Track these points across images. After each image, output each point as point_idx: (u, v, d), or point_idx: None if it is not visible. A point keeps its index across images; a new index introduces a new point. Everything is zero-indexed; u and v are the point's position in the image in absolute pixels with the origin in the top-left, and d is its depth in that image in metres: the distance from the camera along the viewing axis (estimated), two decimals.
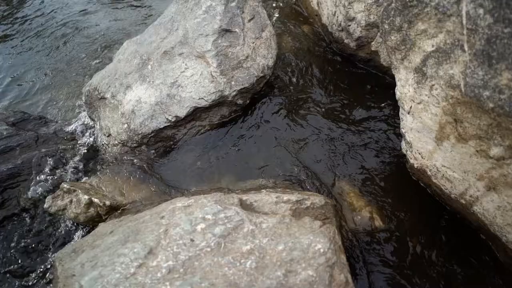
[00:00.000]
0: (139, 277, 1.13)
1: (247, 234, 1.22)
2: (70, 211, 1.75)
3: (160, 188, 1.97)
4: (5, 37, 3.64)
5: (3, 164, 2.00)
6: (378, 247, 1.63)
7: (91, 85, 2.28)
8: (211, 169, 2.03)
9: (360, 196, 1.83)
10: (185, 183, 1.99)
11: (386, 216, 1.74)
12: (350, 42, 2.34)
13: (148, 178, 2.01)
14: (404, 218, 1.74)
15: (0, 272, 1.77)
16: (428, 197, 1.76)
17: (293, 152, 2.02)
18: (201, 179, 2.00)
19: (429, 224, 1.69)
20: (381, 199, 1.81)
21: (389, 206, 1.78)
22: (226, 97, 2.03)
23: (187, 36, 2.06)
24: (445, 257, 1.57)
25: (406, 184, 1.85)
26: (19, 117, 2.36)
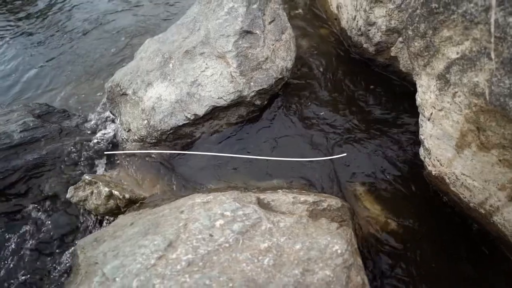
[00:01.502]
0: (159, 268, 1.17)
1: (265, 232, 1.25)
2: (90, 202, 1.81)
3: (176, 184, 2.02)
4: (29, 33, 3.77)
5: (29, 154, 2.08)
6: (392, 252, 1.63)
7: (113, 81, 2.35)
8: (227, 167, 2.07)
9: (375, 201, 1.83)
10: (201, 180, 2.03)
11: (401, 222, 1.74)
12: (369, 46, 2.34)
13: (165, 174, 2.06)
14: (419, 225, 1.73)
15: (22, 257, 1.84)
16: (444, 205, 1.74)
17: (309, 154, 2.03)
18: (217, 177, 2.04)
19: (445, 232, 1.68)
20: (396, 205, 1.80)
21: (405, 212, 1.77)
22: (244, 97, 2.06)
23: (209, 36, 2.11)
24: (460, 266, 1.56)
25: (422, 191, 1.84)
26: (44, 110, 2.45)
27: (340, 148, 2.05)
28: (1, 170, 2.00)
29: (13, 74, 3.22)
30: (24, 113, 2.36)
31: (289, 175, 1.93)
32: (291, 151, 2.07)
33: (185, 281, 1.12)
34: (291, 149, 2.08)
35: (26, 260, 1.83)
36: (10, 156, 2.05)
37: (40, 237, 1.90)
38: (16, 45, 3.59)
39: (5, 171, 2.00)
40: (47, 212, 1.98)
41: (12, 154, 2.07)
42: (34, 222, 1.95)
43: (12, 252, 1.86)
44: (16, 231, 1.93)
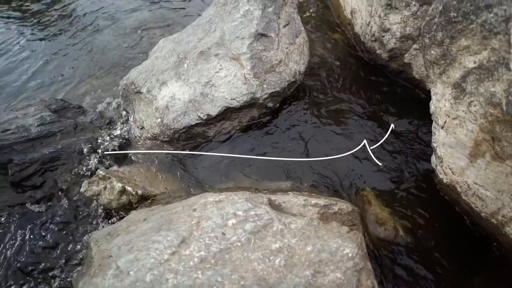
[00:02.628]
0: (172, 263, 1.20)
1: (276, 232, 1.26)
2: (104, 197, 1.85)
3: (187, 182, 2.05)
4: (44, 28, 3.84)
5: (46, 147, 2.14)
6: (400, 259, 1.63)
7: (128, 79, 2.40)
8: (237, 168, 2.09)
9: (384, 207, 1.84)
10: (212, 180, 2.05)
11: (409, 229, 1.74)
12: (382, 52, 2.35)
13: (177, 172, 2.09)
14: (428, 232, 1.73)
15: (35, 248, 1.89)
16: (454, 213, 1.74)
17: (319, 157, 2.04)
18: (227, 177, 2.07)
19: (454, 240, 1.68)
20: (405, 211, 1.81)
21: (413, 219, 1.77)
22: (257, 99, 2.08)
23: (224, 38, 2.14)
24: (469, 273, 1.56)
25: (432, 199, 1.84)
26: (60, 105, 2.51)
27: (348, 152, 2.06)
28: (19, 162, 2.05)
29: (29, 68, 3.29)
30: (41, 108, 2.42)
31: (299, 178, 1.94)
32: (301, 153, 2.08)
33: (197, 277, 1.14)
34: (301, 151, 2.09)
35: (39, 250, 1.88)
36: (27, 149, 2.11)
37: (53, 229, 1.95)
38: (32, 40, 3.66)
39: (22, 163, 2.05)
40: (61, 204, 2.03)
41: (29, 147, 2.12)
42: (48, 213, 2.00)
43: (25, 243, 1.91)
44: (30, 222, 1.98)
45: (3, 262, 1.85)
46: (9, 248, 1.89)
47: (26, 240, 1.92)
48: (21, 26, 3.91)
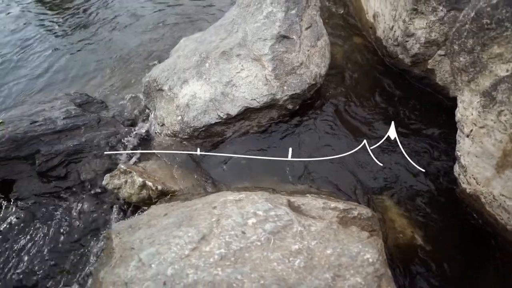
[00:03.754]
0: (193, 259, 1.22)
1: (296, 234, 1.27)
2: (124, 191, 1.90)
3: (205, 180, 2.08)
4: (69, 26, 3.96)
5: (70, 140, 2.21)
6: (418, 267, 1.61)
7: (150, 76, 2.45)
8: (254, 168, 2.10)
9: (402, 214, 1.81)
10: (229, 178, 2.08)
11: (428, 238, 1.71)
12: (405, 57, 2.32)
13: (195, 169, 2.13)
14: (447, 242, 1.70)
15: (56, 236, 1.95)
16: (474, 223, 1.70)
17: (337, 161, 2.04)
18: (244, 177, 2.08)
19: (472, 249, 1.64)
20: (424, 220, 1.78)
21: (432, 228, 1.74)
22: (277, 100, 2.09)
23: (246, 39, 2.16)
24: (486, 285, 1.52)
25: (452, 208, 1.80)
26: (84, 100, 2.59)
27: (366, 156, 2.04)
28: (45, 153, 2.13)
29: (54, 63, 3.40)
30: (66, 102, 2.51)
31: (317, 180, 1.94)
32: (317, 156, 2.08)
33: (217, 274, 1.16)
34: (318, 154, 2.09)
35: (61, 239, 1.94)
36: (53, 140, 2.19)
37: (75, 218, 2.01)
38: (57, 36, 3.79)
39: (48, 155, 2.13)
40: (83, 195, 2.09)
41: (55, 139, 2.20)
42: (71, 204, 2.07)
43: (48, 231, 1.98)
44: (54, 211, 2.05)
45: (28, 248, 1.93)
46: (33, 235, 1.97)
47: (50, 228, 1.99)
48: (46, 22, 4.05)
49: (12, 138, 2.10)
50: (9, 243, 1.95)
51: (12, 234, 1.99)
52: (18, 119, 2.28)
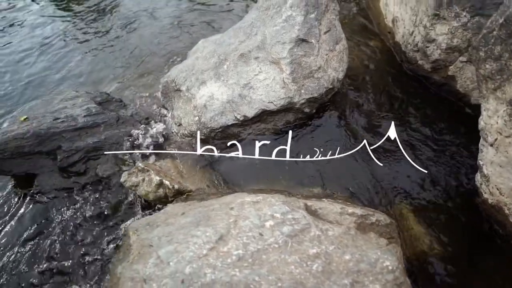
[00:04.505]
0: (210, 259, 1.23)
1: (314, 238, 1.27)
2: (141, 188, 1.93)
3: (219, 180, 2.10)
4: (88, 26, 4.07)
5: (90, 137, 2.27)
6: (436, 277, 1.57)
7: (169, 76, 2.50)
8: (268, 170, 2.11)
9: (419, 222, 1.78)
10: (243, 180, 2.09)
11: (446, 247, 1.68)
12: (425, 63, 2.29)
13: (210, 170, 2.15)
14: (466, 252, 1.66)
15: (73, 231, 2.00)
16: (495, 234, 1.66)
17: (353, 167, 2.02)
18: (258, 179, 2.09)
19: (493, 262, 1.60)
20: (442, 229, 1.74)
21: (451, 237, 1.71)
22: (294, 104, 2.10)
23: (265, 42, 2.17)
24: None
25: (471, 218, 1.76)
26: (104, 98, 2.65)
27: (383, 163, 2.02)
28: (66, 149, 2.19)
29: (72, 61, 3.48)
30: (87, 100, 2.57)
31: (333, 185, 1.93)
32: (336, 161, 2.06)
33: (235, 275, 1.17)
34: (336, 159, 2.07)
35: (79, 233, 1.99)
36: (74, 137, 2.25)
37: (92, 214, 2.06)
38: (76, 35, 3.89)
39: (69, 151, 2.19)
40: (101, 192, 2.14)
41: (76, 136, 2.26)
42: (89, 199, 2.12)
43: (67, 224, 2.03)
44: (72, 205, 2.11)
45: (46, 241, 1.98)
46: (52, 228, 2.03)
47: (68, 222, 2.04)
48: (65, 20, 4.16)
49: (36, 134, 2.17)
50: (28, 234, 2.01)
51: (32, 226, 2.05)
52: (41, 116, 2.35)
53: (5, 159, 2.13)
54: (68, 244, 1.95)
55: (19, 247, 1.96)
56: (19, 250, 1.95)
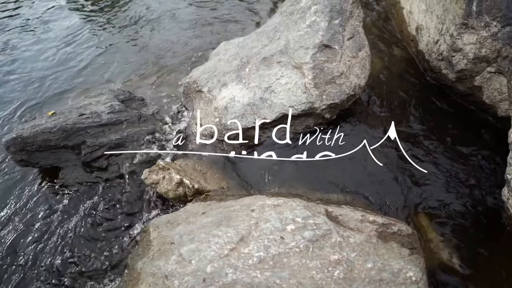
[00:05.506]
0: (231, 259, 1.25)
1: (335, 244, 1.27)
2: (162, 186, 1.97)
3: (237, 182, 2.12)
4: (111, 24, 4.18)
5: (113, 134, 2.33)
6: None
7: (191, 77, 2.54)
8: (286, 174, 2.12)
9: (439, 234, 1.75)
10: (260, 183, 2.10)
11: (466, 263, 1.64)
12: (449, 73, 2.25)
13: (228, 171, 2.17)
14: (488, 269, 1.62)
15: (93, 224, 2.06)
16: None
17: (371, 175, 2.00)
18: (275, 182, 2.10)
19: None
20: (462, 243, 1.71)
21: (472, 252, 1.67)
22: (315, 109, 2.10)
23: (288, 47, 2.19)
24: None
25: (494, 232, 1.72)
26: (127, 96, 2.73)
27: (403, 173, 1.99)
28: (90, 144, 2.27)
29: (95, 59, 3.58)
30: (110, 97, 2.65)
31: (352, 192, 1.92)
32: (352, 170, 2.05)
33: (256, 276, 1.18)
34: (352, 168, 2.06)
35: (96, 227, 2.05)
36: (98, 133, 2.32)
37: (113, 209, 2.11)
38: (99, 33, 4.00)
39: (93, 146, 2.26)
40: (120, 187, 2.20)
41: (100, 132, 2.33)
42: (110, 194, 2.18)
43: (84, 217, 2.09)
44: (92, 199, 2.17)
45: (66, 232, 2.04)
46: (73, 220, 2.09)
47: (88, 215, 2.10)
48: (87, 20, 4.29)
49: (62, 128, 2.25)
50: (50, 225, 2.08)
51: (53, 217, 2.12)
52: (68, 111, 2.44)
53: (33, 152, 2.21)
54: (87, 237, 2.01)
55: (41, 236, 2.03)
56: (40, 240, 2.02)
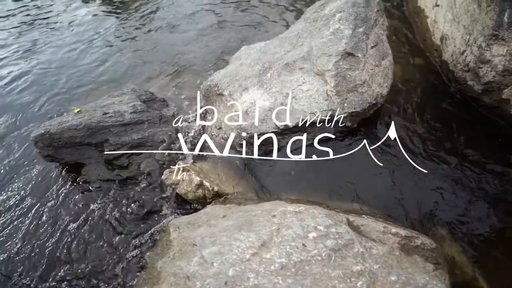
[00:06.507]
0: (253, 264, 1.26)
1: (357, 255, 1.26)
2: (181, 187, 2.00)
3: (255, 187, 2.13)
4: (132, 26, 4.28)
5: (135, 133, 2.39)
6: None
7: (212, 80, 2.58)
8: (303, 181, 2.12)
9: (462, 250, 1.71)
10: (278, 188, 2.11)
11: (492, 282, 1.59)
12: (475, 85, 2.20)
13: (247, 175, 2.19)
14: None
15: (115, 220, 2.10)
16: None
17: (393, 186, 1.98)
18: (292, 188, 2.10)
19: None
20: (487, 260, 1.66)
21: (498, 271, 1.62)
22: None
23: (311, 53, 2.19)
24: None
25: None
26: (149, 97, 2.79)
27: (424, 185, 1.96)
28: (113, 143, 2.33)
29: (117, 60, 3.69)
30: (133, 97, 2.71)
31: (372, 202, 1.90)
32: (374, 178, 2.04)
33: (277, 282, 1.18)
34: (374, 176, 2.05)
35: (115, 223, 2.09)
36: (120, 132, 2.38)
37: (132, 206, 2.15)
38: (120, 35, 4.11)
39: (115, 144, 2.32)
40: (140, 186, 2.24)
41: (122, 131, 2.39)
42: (130, 192, 2.22)
43: (104, 213, 2.14)
44: (113, 196, 2.22)
45: (85, 226, 2.10)
46: (93, 215, 2.15)
47: (107, 211, 2.15)
48: (112, 22, 4.40)
49: (87, 126, 2.32)
50: (71, 218, 2.14)
51: (74, 211, 2.18)
52: (92, 109, 2.52)
53: (59, 147, 2.29)
54: (106, 232, 2.05)
55: (61, 229, 2.09)
56: (61, 232, 2.07)
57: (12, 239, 2.06)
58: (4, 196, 2.33)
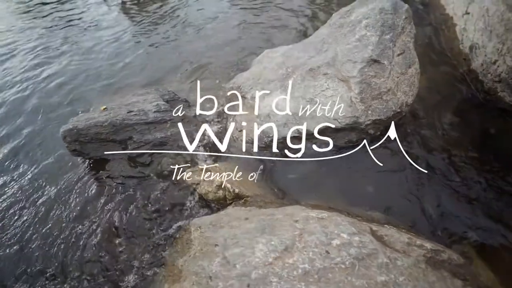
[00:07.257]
0: (276, 268, 1.26)
1: (381, 265, 1.24)
2: (202, 187, 2.03)
3: (274, 190, 2.13)
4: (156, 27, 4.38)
5: (158, 132, 2.45)
6: None
7: (234, 83, 2.61)
8: (323, 187, 2.10)
9: (489, 267, 1.65)
10: (297, 193, 2.10)
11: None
12: (506, 96, 2.14)
13: (266, 178, 2.19)
14: None
15: (131, 217, 2.15)
16: None
17: (413, 196, 1.94)
18: (311, 193, 2.09)
19: None
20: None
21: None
22: (359, 124, 2.07)
23: (336, 59, 2.19)
24: None
25: None
26: (171, 97, 2.85)
27: (450, 197, 1.91)
28: (136, 140, 2.39)
29: (141, 60, 3.79)
30: (156, 97, 2.77)
31: (395, 211, 1.87)
32: (394, 188, 2.00)
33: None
34: (394, 186, 2.01)
35: (135, 219, 2.13)
36: (144, 130, 2.44)
37: (151, 203, 2.19)
38: (144, 35, 4.22)
39: (139, 142, 2.38)
40: (162, 184, 2.28)
41: (146, 129, 2.45)
42: (150, 190, 2.27)
43: (125, 209, 2.19)
44: (134, 193, 2.27)
45: (107, 221, 2.15)
46: (114, 210, 2.20)
47: (128, 207, 2.20)
48: (134, 23, 4.53)
49: (112, 123, 2.39)
50: (92, 212, 2.20)
51: (97, 206, 2.25)
52: (117, 107, 2.59)
53: (86, 143, 2.37)
54: (126, 228, 2.10)
55: (83, 222, 2.15)
56: (82, 226, 2.13)
57: (42, 228, 2.15)
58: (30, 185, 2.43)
